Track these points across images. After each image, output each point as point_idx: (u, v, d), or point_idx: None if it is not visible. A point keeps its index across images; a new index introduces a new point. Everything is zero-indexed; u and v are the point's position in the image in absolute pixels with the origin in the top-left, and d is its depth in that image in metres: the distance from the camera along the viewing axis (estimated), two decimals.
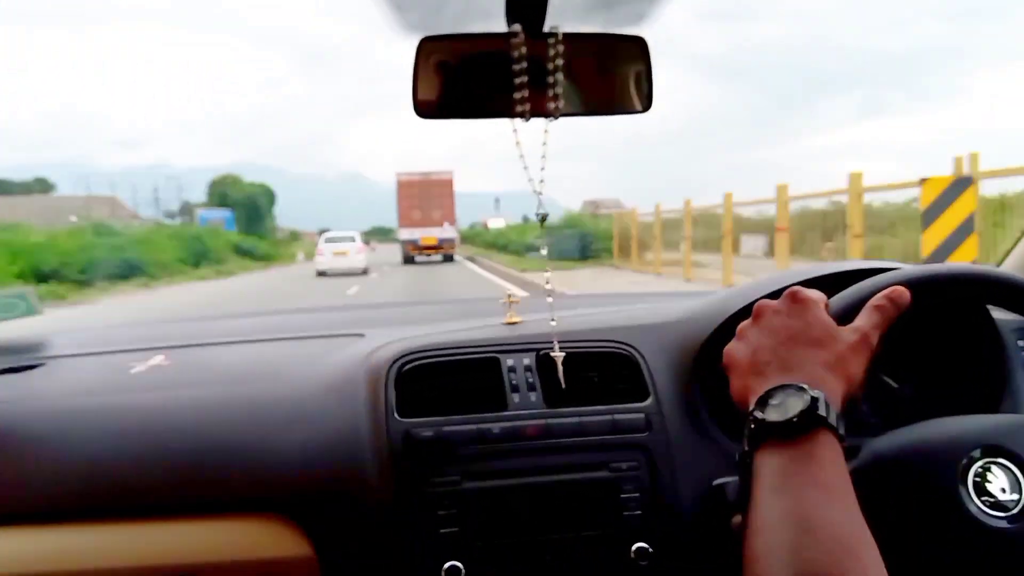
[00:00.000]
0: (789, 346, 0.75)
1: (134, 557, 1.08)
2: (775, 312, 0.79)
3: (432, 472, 1.09)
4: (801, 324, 0.76)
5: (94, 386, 1.33)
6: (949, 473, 0.75)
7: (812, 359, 0.73)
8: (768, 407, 0.70)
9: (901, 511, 0.74)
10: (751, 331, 0.80)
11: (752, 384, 0.75)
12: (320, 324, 1.70)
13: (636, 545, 1.09)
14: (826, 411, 0.68)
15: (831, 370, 0.73)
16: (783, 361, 0.74)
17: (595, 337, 1.26)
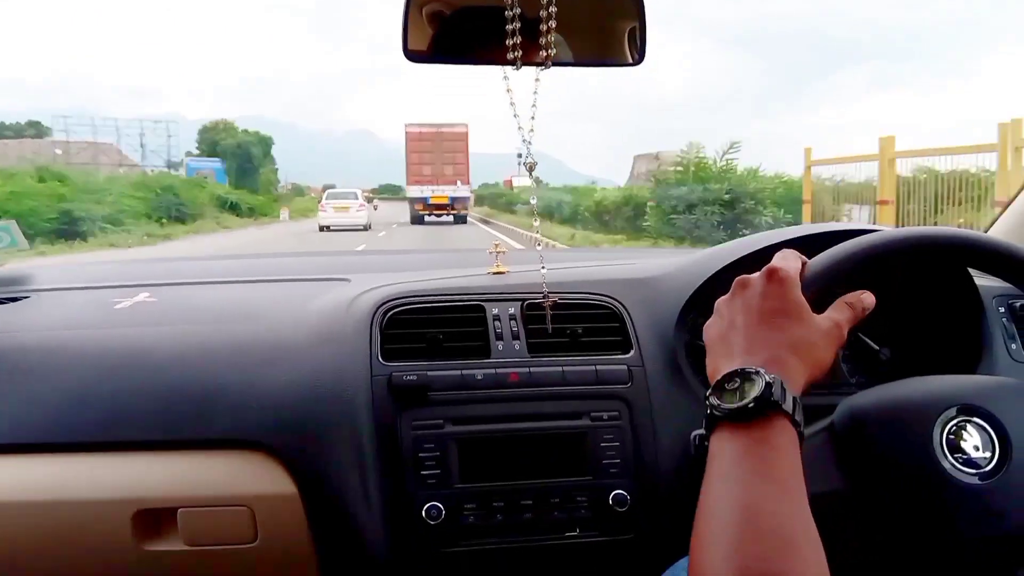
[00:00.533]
0: (759, 325, 0.74)
1: (116, 489, 1.09)
2: (751, 289, 0.78)
3: (414, 416, 1.11)
4: (774, 303, 0.76)
5: (78, 320, 1.33)
6: (923, 430, 0.77)
7: (778, 340, 0.73)
8: (725, 391, 0.70)
9: (876, 466, 0.76)
10: (726, 307, 0.80)
11: (719, 364, 0.75)
12: (306, 268, 1.70)
13: (614, 493, 1.11)
14: (781, 396, 0.67)
15: (796, 352, 0.72)
16: (750, 341, 0.74)
17: (581, 289, 1.27)
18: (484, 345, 1.18)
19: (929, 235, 0.84)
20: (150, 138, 62.10)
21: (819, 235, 1.21)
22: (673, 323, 1.22)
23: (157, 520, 1.09)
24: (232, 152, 54.09)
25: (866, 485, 0.76)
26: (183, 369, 1.17)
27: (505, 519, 1.10)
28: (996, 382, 0.85)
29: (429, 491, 1.08)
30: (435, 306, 1.22)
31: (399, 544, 1.07)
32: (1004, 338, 1.25)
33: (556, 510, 1.11)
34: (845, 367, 1.29)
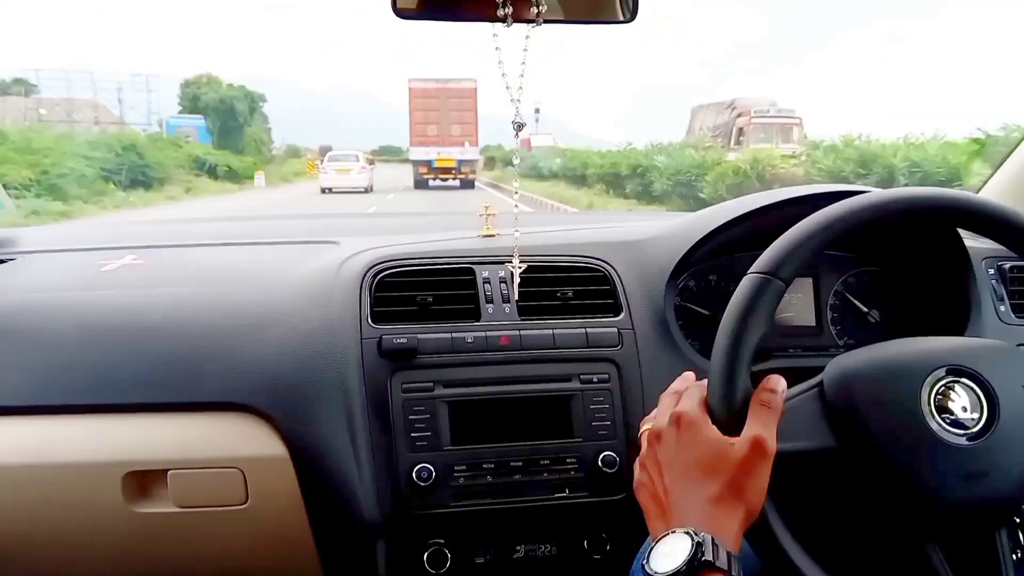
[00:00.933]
0: (683, 482, 0.74)
1: (106, 451, 1.09)
2: (664, 442, 0.78)
3: (404, 379, 1.11)
4: (689, 454, 0.75)
5: (65, 282, 1.32)
6: (912, 390, 0.77)
7: (702, 496, 0.72)
8: (658, 556, 0.69)
9: (863, 424, 0.76)
10: (647, 463, 0.79)
11: (655, 526, 0.75)
12: (295, 231, 1.69)
13: (604, 454, 1.12)
14: (713, 554, 0.67)
15: (722, 503, 0.72)
16: (677, 500, 0.74)
17: (571, 252, 1.27)
18: (474, 308, 1.18)
19: (919, 196, 0.84)
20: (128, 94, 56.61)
21: (811, 196, 1.21)
22: (663, 286, 1.22)
23: (147, 482, 1.10)
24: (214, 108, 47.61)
25: (854, 443, 0.77)
26: (172, 332, 1.16)
27: (495, 481, 1.10)
28: (985, 344, 0.85)
29: (419, 453, 1.09)
30: (425, 269, 1.21)
31: (389, 505, 1.08)
32: (993, 300, 1.26)
33: (546, 472, 1.12)
34: (834, 329, 1.29)
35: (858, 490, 0.81)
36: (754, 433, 0.73)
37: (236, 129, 47.48)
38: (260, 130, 52.00)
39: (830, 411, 0.78)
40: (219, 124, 46.98)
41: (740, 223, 1.24)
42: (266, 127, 56.79)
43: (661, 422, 0.79)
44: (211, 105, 48.06)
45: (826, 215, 0.82)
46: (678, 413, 0.77)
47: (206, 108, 48.11)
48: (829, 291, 1.30)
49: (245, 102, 49.80)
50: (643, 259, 1.27)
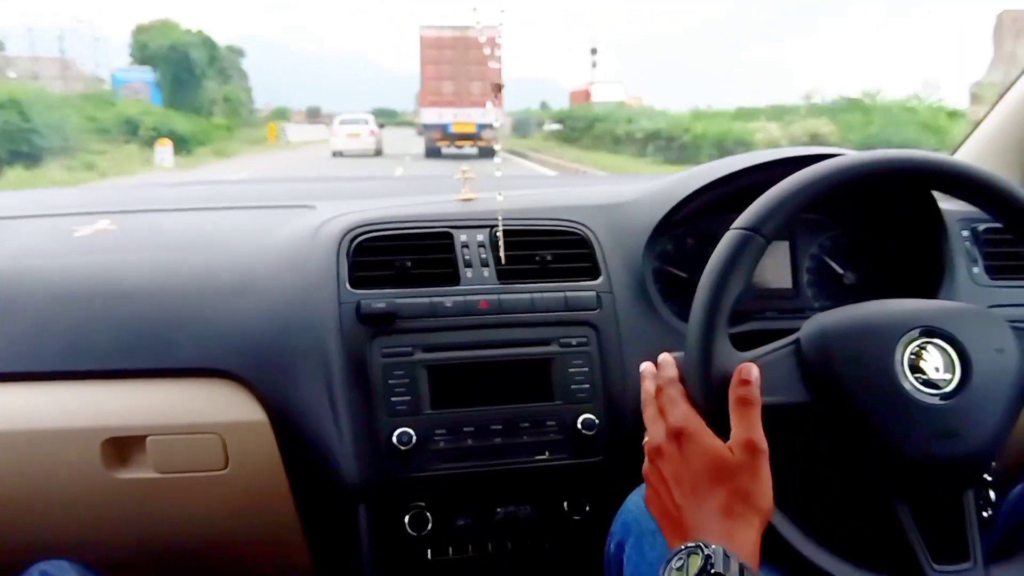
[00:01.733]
0: (692, 497, 0.74)
1: (84, 418, 1.09)
2: (667, 457, 0.77)
3: (383, 343, 1.11)
4: (694, 466, 0.75)
5: (37, 248, 1.30)
6: (886, 349, 0.79)
7: (713, 509, 0.72)
8: (671, 571, 0.70)
9: (838, 382, 0.78)
10: (652, 479, 0.79)
11: (673, 542, 0.75)
12: (270, 195, 1.67)
13: (583, 417, 1.13)
14: (724, 566, 0.67)
15: (735, 515, 0.72)
16: (691, 516, 0.74)
17: (549, 215, 1.26)
18: (453, 272, 1.18)
19: (893, 159, 0.84)
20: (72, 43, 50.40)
21: (788, 159, 1.21)
22: (641, 249, 1.22)
23: (127, 448, 1.10)
24: (164, 57, 38.24)
25: (828, 399, 0.78)
26: (147, 297, 1.15)
27: (475, 444, 1.11)
28: (961, 307, 0.87)
29: (400, 418, 1.09)
30: (403, 233, 1.20)
31: (370, 469, 1.09)
32: (967, 261, 1.27)
33: (526, 434, 1.13)
34: (810, 291, 1.31)
35: (830, 446, 0.83)
36: (744, 437, 0.73)
37: (191, 83, 38.24)
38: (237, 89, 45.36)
39: (806, 367, 0.79)
40: (170, 77, 38.02)
41: (718, 186, 1.24)
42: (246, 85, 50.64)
43: (658, 436, 0.79)
44: (160, 54, 38.52)
45: (808, 174, 0.82)
46: (676, 428, 0.76)
47: (156, 58, 38.80)
48: (805, 253, 1.32)
49: (203, 50, 40.19)
50: (621, 222, 1.27)
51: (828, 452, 0.84)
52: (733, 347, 0.79)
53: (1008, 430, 0.78)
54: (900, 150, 0.85)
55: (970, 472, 0.79)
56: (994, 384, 0.78)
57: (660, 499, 0.78)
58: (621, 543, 0.95)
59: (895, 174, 0.85)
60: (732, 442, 0.74)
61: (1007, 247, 1.30)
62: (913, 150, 0.87)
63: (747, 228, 0.80)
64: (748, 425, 0.74)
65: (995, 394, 0.78)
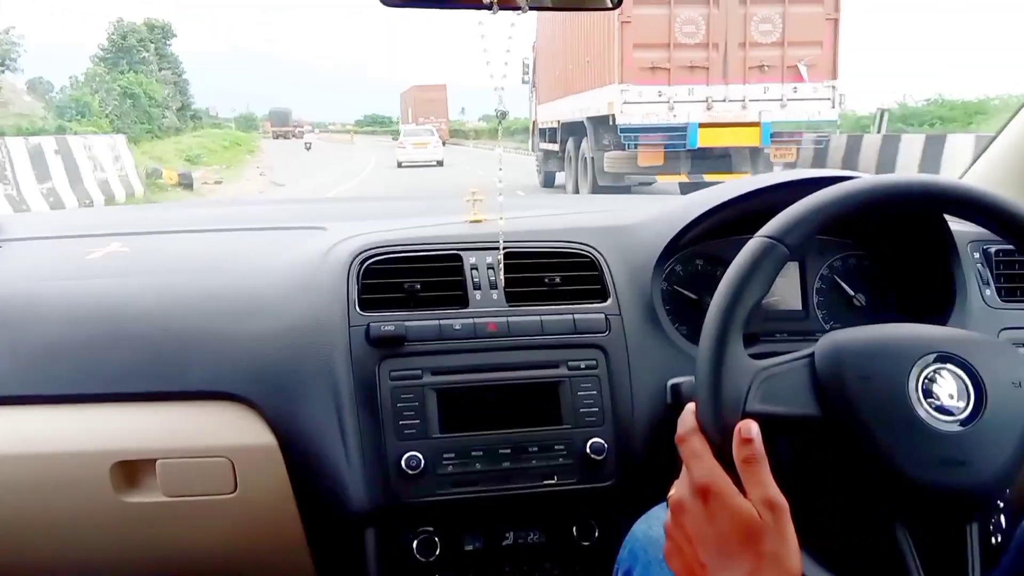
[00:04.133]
0: (716, 559, 0.72)
1: (93, 441, 1.09)
2: (690, 515, 0.75)
3: (392, 366, 1.11)
4: (721, 527, 0.72)
5: (50, 271, 1.31)
6: (901, 372, 0.78)
7: (739, 571, 0.70)
8: None
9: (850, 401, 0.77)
10: (675, 534, 0.77)
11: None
12: (281, 216, 1.68)
13: (592, 441, 1.12)
14: None
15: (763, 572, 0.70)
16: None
17: (557, 238, 1.26)
18: (462, 295, 1.18)
19: (902, 184, 0.84)
20: None
21: (795, 182, 1.21)
22: (650, 271, 1.22)
23: (136, 472, 1.10)
24: None
25: (837, 416, 0.78)
26: (159, 320, 1.16)
27: (484, 468, 1.11)
28: (978, 336, 0.86)
29: (408, 441, 1.09)
30: (412, 255, 1.21)
31: (378, 494, 1.08)
32: (978, 284, 1.26)
33: (534, 459, 1.12)
34: (820, 313, 1.30)
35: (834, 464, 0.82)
36: (762, 496, 0.71)
37: None
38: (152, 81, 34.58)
39: (818, 382, 0.79)
40: None
41: (727, 208, 1.24)
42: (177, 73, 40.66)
43: (682, 491, 0.76)
44: None
45: (833, 192, 0.82)
46: (703, 484, 0.74)
47: None
48: (815, 275, 1.31)
49: None
50: (630, 244, 1.27)
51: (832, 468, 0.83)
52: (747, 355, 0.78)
53: (1019, 464, 0.77)
54: (912, 174, 0.85)
55: (976, 503, 0.78)
56: (1008, 416, 0.77)
57: (683, 556, 0.76)
58: (629, 571, 0.94)
59: (909, 197, 0.85)
60: (753, 502, 0.71)
61: (1019, 269, 1.29)
62: (926, 175, 0.87)
63: (772, 237, 0.80)
64: (761, 483, 0.72)
65: (1008, 426, 0.77)
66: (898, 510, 0.77)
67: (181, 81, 43.58)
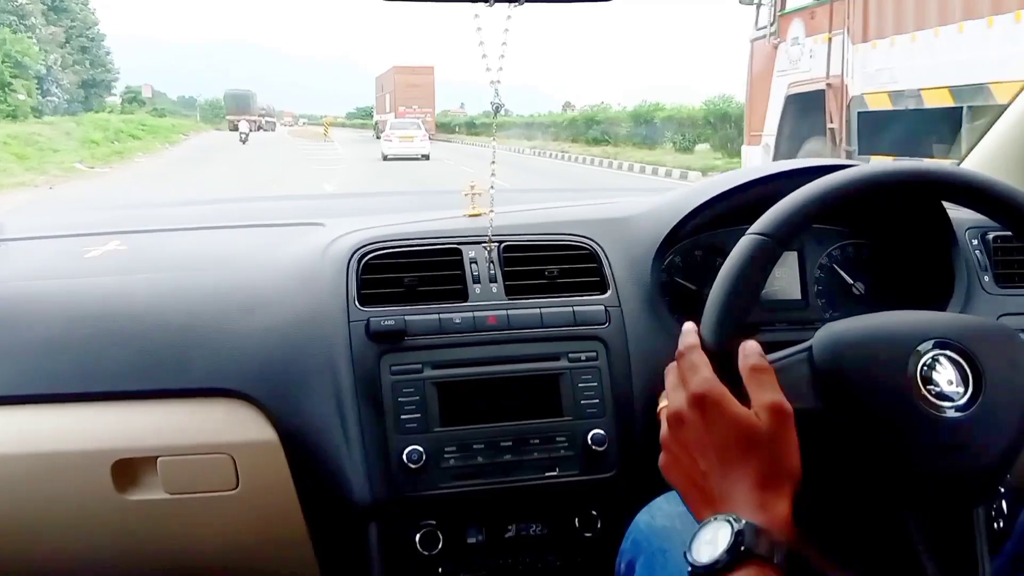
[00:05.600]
0: (718, 467, 0.71)
1: (94, 440, 1.09)
2: (689, 425, 0.74)
3: (393, 361, 1.11)
4: (721, 435, 0.72)
5: (48, 270, 1.31)
6: (899, 360, 0.78)
7: (745, 480, 0.70)
8: (700, 544, 0.67)
9: (850, 391, 0.77)
10: (672, 446, 0.76)
11: (699, 511, 0.72)
12: (279, 213, 1.68)
13: (593, 432, 1.12)
14: (754, 543, 0.64)
15: (768, 487, 0.69)
16: (718, 487, 0.71)
17: (556, 230, 1.27)
18: (461, 288, 1.18)
19: (902, 170, 0.84)
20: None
21: (796, 171, 1.21)
22: (649, 262, 1.22)
23: (137, 469, 1.10)
24: None
25: (839, 407, 0.78)
26: (158, 317, 1.16)
27: (486, 461, 1.11)
28: (975, 320, 0.86)
29: (409, 435, 1.09)
30: (411, 250, 1.21)
31: (381, 488, 1.09)
32: (977, 270, 1.27)
33: (536, 451, 1.12)
34: (819, 302, 1.30)
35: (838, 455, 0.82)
36: (768, 400, 0.71)
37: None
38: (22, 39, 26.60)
39: (818, 375, 0.79)
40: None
41: (725, 198, 1.24)
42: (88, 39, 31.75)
43: (679, 402, 0.76)
44: None
45: (822, 184, 0.83)
46: (699, 394, 0.73)
47: None
48: (814, 264, 1.31)
49: None
50: (629, 236, 1.27)
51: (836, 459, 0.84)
52: None
53: (1020, 448, 0.78)
54: (909, 161, 0.85)
55: (980, 487, 0.78)
56: (1007, 399, 0.77)
57: (682, 467, 0.75)
58: (632, 562, 0.94)
59: (905, 184, 0.85)
60: (756, 408, 0.72)
61: (1017, 255, 1.29)
62: (922, 160, 0.87)
63: (762, 233, 0.80)
64: (769, 389, 0.72)
65: (1008, 410, 0.77)
66: (903, 498, 0.77)
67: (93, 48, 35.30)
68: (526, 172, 16.87)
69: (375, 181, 18.91)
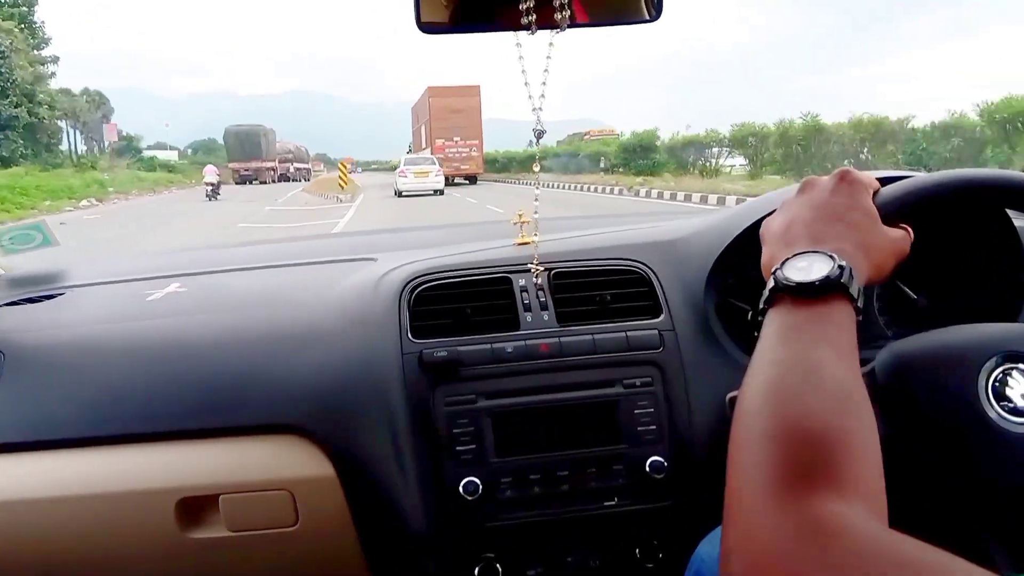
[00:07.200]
0: (828, 219, 0.73)
1: (158, 479, 1.11)
2: (820, 188, 0.76)
3: (446, 392, 1.11)
4: (844, 203, 0.74)
5: (111, 314, 1.35)
6: (968, 377, 0.75)
7: (847, 234, 0.71)
8: (792, 268, 0.67)
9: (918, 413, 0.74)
10: (792, 203, 0.77)
11: (780, 253, 0.71)
12: (333, 249, 1.71)
13: (651, 459, 1.10)
14: (849, 280, 0.65)
15: (863, 249, 0.71)
16: (816, 233, 0.72)
17: (606, 255, 1.25)
18: (513, 317, 1.18)
19: (966, 177, 0.82)
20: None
21: None
22: (703, 284, 1.20)
23: (200, 507, 1.11)
24: None
25: (907, 431, 0.75)
26: (217, 357, 1.18)
27: (542, 491, 1.09)
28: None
29: (465, 467, 1.08)
30: (462, 281, 1.21)
31: (438, 521, 1.08)
32: None
33: (593, 480, 1.10)
34: (882, 319, 1.26)
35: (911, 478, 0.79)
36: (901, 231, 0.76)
37: None
38: None
39: (882, 399, 0.76)
40: None
41: None
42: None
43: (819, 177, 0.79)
44: None
45: (923, 178, 0.81)
46: (846, 170, 0.76)
47: None
48: None
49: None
50: (681, 258, 1.25)
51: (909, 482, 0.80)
52: None
53: None
54: (972, 169, 0.83)
55: None
56: None
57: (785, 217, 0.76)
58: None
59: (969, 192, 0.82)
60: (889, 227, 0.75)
61: None
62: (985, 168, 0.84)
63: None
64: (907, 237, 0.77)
65: None
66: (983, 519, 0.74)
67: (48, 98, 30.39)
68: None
69: None
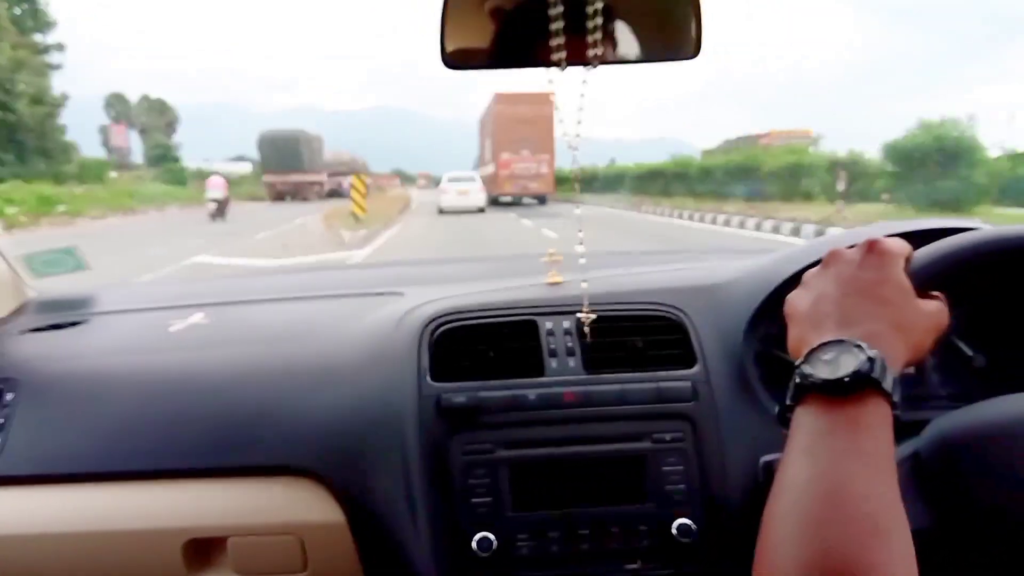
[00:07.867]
0: (855, 299, 0.67)
1: (167, 518, 1.08)
2: (847, 261, 0.71)
3: (464, 440, 1.06)
4: (873, 278, 0.68)
5: (133, 344, 1.33)
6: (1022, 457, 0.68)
7: (879, 314, 0.66)
8: (818, 361, 0.63)
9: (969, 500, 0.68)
10: (818, 278, 0.73)
11: (808, 336, 0.67)
12: (362, 281, 1.68)
13: (678, 521, 1.03)
14: (881, 374, 0.60)
15: (898, 330, 0.65)
16: (845, 314, 0.67)
17: (640, 300, 1.20)
18: (537, 362, 1.12)
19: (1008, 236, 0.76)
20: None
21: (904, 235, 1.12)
22: (741, 334, 1.14)
23: (207, 549, 1.08)
24: None
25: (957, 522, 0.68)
26: (232, 394, 1.15)
27: (561, 550, 1.03)
28: None
29: (480, 520, 1.03)
30: (486, 322, 1.16)
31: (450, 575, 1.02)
32: None
33: (616, 540, 1.04)
34: (936, 377, 1.19)
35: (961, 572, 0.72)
36: (939, 303, 0.71)
37: None
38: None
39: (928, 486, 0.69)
40: None
41: None
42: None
43: (843, 247, 0.73)
44: None
45: (958, 241, 0.76)
46: (874, 240, 0.71)
47: None
48: None
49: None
50: (719, 305, 1.19)
51: None
52: None
53: None
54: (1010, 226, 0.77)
55: None
56: None
57: (812, 295, 0.71)
58: None
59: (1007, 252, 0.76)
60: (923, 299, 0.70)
61: None
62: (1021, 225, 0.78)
63: None
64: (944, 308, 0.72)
65: None
66: None
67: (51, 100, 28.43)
68: None
69: None
